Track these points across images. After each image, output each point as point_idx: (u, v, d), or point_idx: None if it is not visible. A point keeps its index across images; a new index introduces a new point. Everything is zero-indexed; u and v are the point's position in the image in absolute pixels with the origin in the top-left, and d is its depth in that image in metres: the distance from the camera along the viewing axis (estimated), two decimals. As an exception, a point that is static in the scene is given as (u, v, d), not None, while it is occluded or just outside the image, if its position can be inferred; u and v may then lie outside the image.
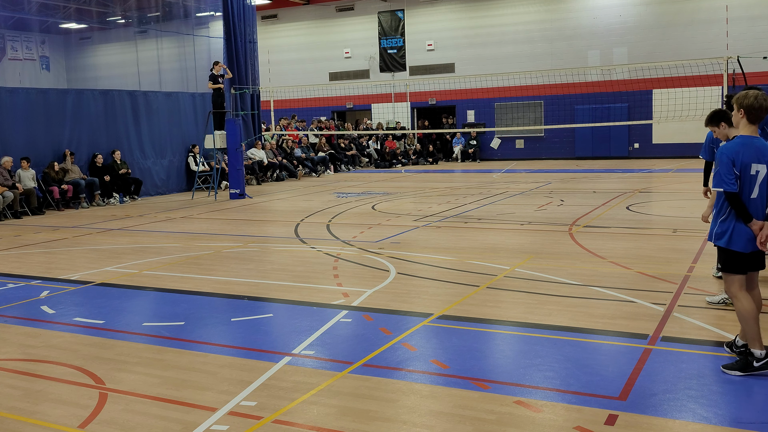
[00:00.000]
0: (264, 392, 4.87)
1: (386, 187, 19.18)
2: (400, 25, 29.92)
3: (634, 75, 23.34)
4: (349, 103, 31.31)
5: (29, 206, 15.58)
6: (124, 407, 4.72)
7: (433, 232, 11.35)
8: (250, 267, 9.20)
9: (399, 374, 5.16)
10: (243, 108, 22.13)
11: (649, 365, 5.11)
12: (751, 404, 4.44)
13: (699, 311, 6.42)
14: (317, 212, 14.23)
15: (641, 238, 10.08)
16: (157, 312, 7.29)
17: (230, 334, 6.36)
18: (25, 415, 4.67)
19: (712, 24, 24.51)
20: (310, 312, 6.89)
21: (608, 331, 6.00)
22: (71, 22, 24.35)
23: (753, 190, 4.84)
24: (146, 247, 10.89)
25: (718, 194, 4.95)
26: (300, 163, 23.74)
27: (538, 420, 4.31)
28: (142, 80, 21.22)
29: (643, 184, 17.55)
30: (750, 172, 4.82)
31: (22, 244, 11.67)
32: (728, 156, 4.81)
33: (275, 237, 11.50)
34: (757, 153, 4.82)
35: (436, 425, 4.29)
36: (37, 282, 8.70)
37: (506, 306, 6.92)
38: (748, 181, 4.82)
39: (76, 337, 6.35)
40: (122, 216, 15.01)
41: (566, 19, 26.97)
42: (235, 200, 17.30)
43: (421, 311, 6.73)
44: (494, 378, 5.04)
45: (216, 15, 22.48)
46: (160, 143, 19.61)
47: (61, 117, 17.13)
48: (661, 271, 7.98)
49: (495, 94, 25.82)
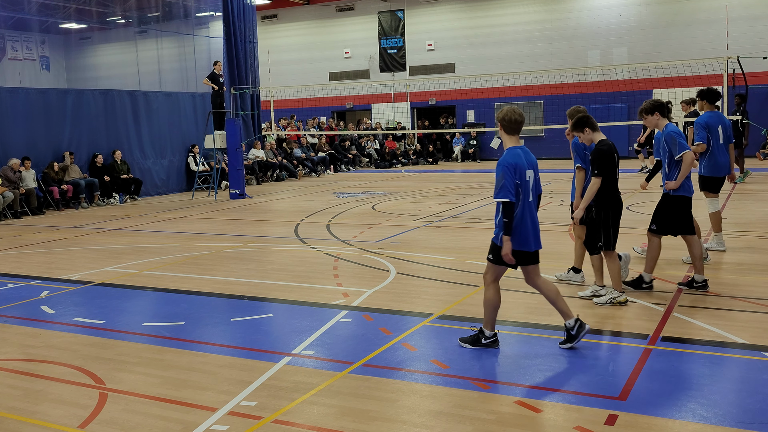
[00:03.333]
0: (264, 392, 4.87)
1: (386, 187, 19.17)
2: (400, 25, 29.91)
3: (634, 75, 23.33)
4: (349, 103, 31.30)
5: (29, 206, 15.58)
6: (124, 407, 4.72)
7: (433, 232, 11.34)
8: (250, 267, 9.19)
9: (399, 374, 5.16)
10: (243, 108, 22.12)
11: (649, 365, 5.11)
12: (751, 404, 4.43)
13: (699, 311, 6.42)
14: (317, 212, 14.22)
15: (641, 238, 10.08)
16: (157, 312, 7.29)
17: (230, 334, 6.36)
18: (25, 415, 4.67)
19: (712, 24, 24.50)
20: (310, 312, 6.89)
21: (608, 331, 6.01)
22: (71, 22, 24.34)
23: (529, 193, 5.42)
24: (146, 247, 10.89)
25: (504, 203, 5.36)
26: (300, 163, 23.73)
27: (538, 420, 4.31)
28: (142, 80, 21.21)
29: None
30: (525, 178, 5.37)
31: (22, 244, 11.67)
32: (509, 168, 5.30)
33: (275, 237, 11.50)
34: (526, 159, 5.39)
35: (436, 425, 4.29)
36: (37, 282, 8.69)
37: (506, 306, 6.91)
38: (525, 186, 5.36)
39: (76, 337, 6.35)
40: (122, 216, 15.01)
41: (566, 19, 26.96)
42: (235, 200, 17.30)
43: (421, 311, 6.73)
44: (494, 378, 5.04)
45: (216, 15, 22.46)
46: (160, 143, 19.60)
47: (61, 117, 17.13)
48: (661, 271, 7.97)
49: (495, 94, 25.81)
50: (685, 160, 6.88)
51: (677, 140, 6.93)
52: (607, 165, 6.54)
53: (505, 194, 5.26)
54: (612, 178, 6.60)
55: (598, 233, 6.71)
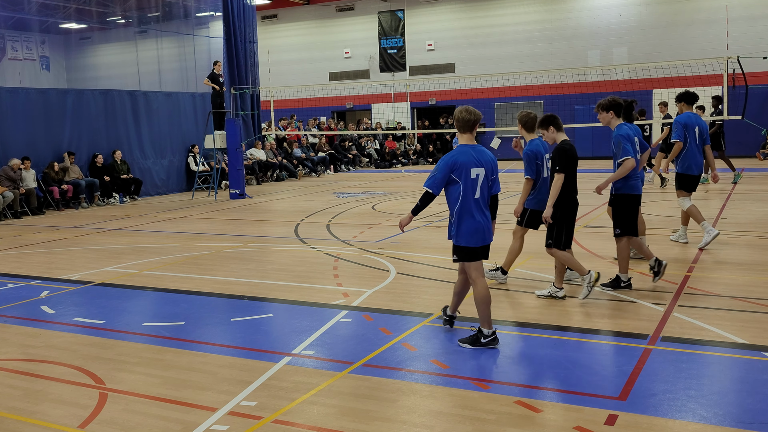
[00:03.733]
0: (264, 392, 4.87)
1: (386, 187, 19.17)
2: (400, 25, 29.91)
3: (634, 75, 23.33)
4: (349, 103, 31.30)
5: (29, 206, 15.58)
6: (124, 407, 4.72)
7: (433, 232, 11.34)
8: (250, 267, 9.19)
9: (399, 374, 5.16)
10: (243, 108, 22.12)
11: (649, 365, 5.11)
12: (751, 404, 4.43)
13: (699, 311, 6.42)
14: (317, 212, 14.22)
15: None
16: (157, 312, 7.29)
17: (230, 334, 6.36)
18: (25, 415, 4.67)
19: (712, 24, 24.50)
20: (310, 312, 6.89)
21: (608, 331, 6.00)
22: (71, 22, 24.33)
23: (476, 191, 5.50)
24: (146, 247, 10.89)
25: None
26: (300, 163, 23.73)
27: (538, 420, 4.31)
28: (142, 80, 21.21)
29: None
30: (471, 176, 5.44)
31: (22, 244, 11.67)
32: (447, 164, 5.48)
33: (275, 237, 11.50)
34: (475, 158, 5.48)
35: (436, 425, 4.29)
36: (37, 282, 8.69)
37: (506, 306, 6.92)
38: (470, 183, 5.46)
39: (76, 337, 6.35)
40: (122, 216, 15.01)
41: (566, 19, 26.96)
42: (235, 200, 17.30)
43: (421, 311, 6.73)
44: (494, 378, 5.04)
45: (216, 15, 22.46)
46: (160, 143, 19.60)
47: (61, 117, 17.12)
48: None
49: (495, 94, 25.79)
50: (624, 165, 7.02)
51: (622, 144, 7.09)
52: (569, 164, 6.65)
53: (429, 184, 5.51)
54: (570, 179, 6.72)
55: (551, 231, 6.83)
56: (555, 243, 6.80)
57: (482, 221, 5.56)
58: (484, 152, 5.55)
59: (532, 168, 7.25)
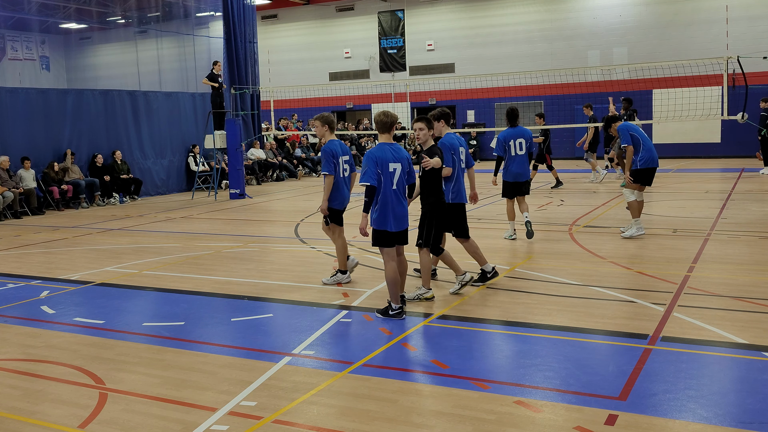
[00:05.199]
0: (264, 392, 4.87)
1: (386, 187, 19.12)
2: (400, 25, 29.91)
3: (634, 75, 23.33)
4: (349, 103, 31.31)
5: (29, 206, 15.58)
6: (124, 407, 4.72)
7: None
8: (250, 267, 9.19)
9: (399, 374, 5.16)
10: (243, 108, 22.12)
11: (649, 365, 5.11)
12: (751, 404, 4.43)
13: (699, 311, 6.42)
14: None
15: (641, 238, 10.08)
16: (157, 312, 7.29)
17: (230, 334, 6.36)
18: (25, 415, 4.67)
19: (712, 24, 24.50)
20: (310, 312, 6.89)
21: (608, 331, 6.00)
22: (71, 22, 24.32)
23: (393, 182, 6.39)
24: (146, 247, 10.89)
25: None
26: (300, 163, 23.73)
27: (538, 420, 4.31)
28: (142, 80, 21.20)
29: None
30: (389, 170, 6.36)
31: (22, 244, 11.67)
32: (372, 158, 6.36)
33: (275, 237, 11.50)
34: (393, 154, 6.40)
35: (436, 425, 4.29)
36: (37, 282, 8.69)
37: (506, 306, 6.92)
38: (389, 176, 6.36)
39: (76, 337, 6.35)
40: (122, 216, 15.01)
41: (566, 19, 26.96)
42: (235, 200, 17.30)
43: (421, 311, 6.73)
44: (494, 378, 5.04)
45: (216, 15, 22.46)
46: (160, 143, 19.60)
47: (61, 117, 17.12)
48: (661, 271, 7.98)
49: (495, 94, 25.79)
50: (444, 172, 7.30)
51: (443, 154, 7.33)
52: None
53: (366, 179, 6.34)
54: (438, 179, 6.99)
55: (422, 230, 6.99)
56: (425, 243, 6.97)
57: (398, 209, 6.44)
58: (401, 150, 6.52)
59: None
